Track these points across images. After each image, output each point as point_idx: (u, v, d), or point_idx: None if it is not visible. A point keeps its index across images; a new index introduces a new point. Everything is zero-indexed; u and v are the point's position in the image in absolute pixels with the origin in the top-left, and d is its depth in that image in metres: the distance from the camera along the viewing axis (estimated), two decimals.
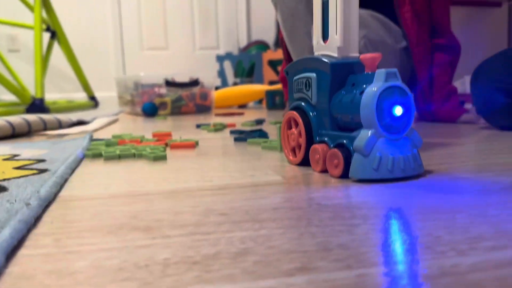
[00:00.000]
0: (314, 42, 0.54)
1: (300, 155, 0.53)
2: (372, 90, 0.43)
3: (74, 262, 0.26)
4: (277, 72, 2.31)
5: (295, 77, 0.55)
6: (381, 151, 0.43)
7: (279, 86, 1.98)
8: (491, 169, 0.50)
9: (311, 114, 0.52)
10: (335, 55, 0.49)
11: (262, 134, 0.88)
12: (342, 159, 0.45)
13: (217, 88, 2.34)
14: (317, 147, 0.49)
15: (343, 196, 0.41)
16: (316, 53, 0.53)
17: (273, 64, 2.34)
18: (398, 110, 0.43)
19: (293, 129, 0.54)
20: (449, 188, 0.42)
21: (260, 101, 2.38)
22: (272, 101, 1.91)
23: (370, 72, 0.46)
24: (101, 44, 3.16)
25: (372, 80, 0.45)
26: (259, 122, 1.26)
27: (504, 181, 0.44)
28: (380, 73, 0.43)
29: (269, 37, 2.81)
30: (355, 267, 0.24)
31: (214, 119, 1.50)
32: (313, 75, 0.51)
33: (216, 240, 0.29)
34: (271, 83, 2.40)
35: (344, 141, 0.46)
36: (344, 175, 0.45)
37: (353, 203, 0.38)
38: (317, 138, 0.51)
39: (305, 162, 0.53)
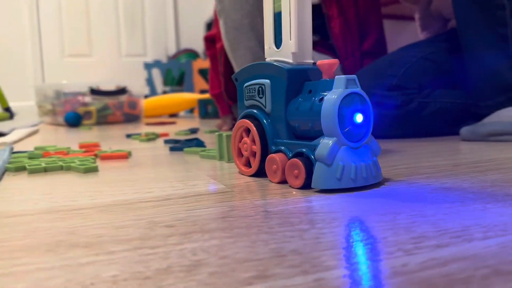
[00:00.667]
0: (266, 47, 0.51)
1: (254, 165, 0.50)
2: (333, 97, 0.41)
3: (11, 285, 0.24)
4: (208, 81, 2.28)
5: (246, 84, 0.52)
6: (344, 160, 0.41)
7: None
8: (424, 171, 0.50)
9: (265, 122, 0.49)
10: (290, 61, 0.47)
11: (199, 143, 0.86)
12: (303, 169, 0.43)
13: (146, 96, 2.26)
14: (274, 157, 0.46)
15: (288, 203, 0.40)
16: (268, 59, 0.51)
17: (203, 73, 2.31)
18: (359, 118, 0.42)
19: (246, 138, 0.51)
20: (402, 193, 0.42)
21: (191, 110, 2.33)
22: (205, 110, 1.87)
23: (328, 79, 0.44)
24: (17, 51, 2.92)
25: (331, 87, 0.43)
26: (193, 131, 1.23)
27: (434, 183, 0.45)
28: (340, 79, 0.42)
29: (199, 46, 2.76)
30: (311, 272, 0.24)
31: (144, 129, 1.45)
32: (267, 81, 0.49)
33: (166, 253, 0.27)
34: (202, 91, 2.37)
35: (304, 150, 0.43)
36: (305, 185, 0.43)
37: (299, 209, 0.38)
38: (273, 148, 0.48)
39: (259, 173, 0.50)
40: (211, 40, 1.27)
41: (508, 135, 0.75)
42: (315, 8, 1.06)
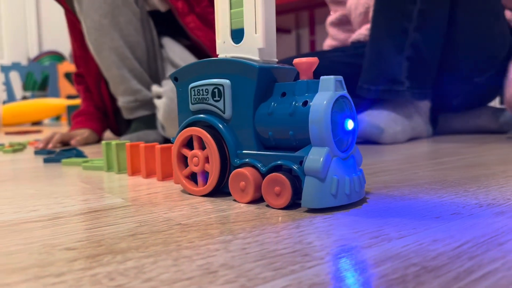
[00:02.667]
0: (219, 41, 0.42)
1: (211, 182, 0.41)
2: (323, 101, 0.34)
3: None
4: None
5: (192, 85, 0.42)
6: (337, 172, 0.34)
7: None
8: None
9: (223, 130, 0.40)
10: (255, 58, 0.39)
11: (79, 153, 0.76)
12: (288, 185, 0.35)
13: (4, 102, 1.93)
14: (243, 171, 0.38)
15: (200, 213, 0.36)
16: (222, 55, 0.42)
17: (70, 76, 2.06)
18: (350, 124, 0.36)
19: (197, 151, 0.42)
20: None
21: (58, 117, 2.06)
22: None
23: (307, 80, 0.37)
24: None
25: (312, 89, 0.36)
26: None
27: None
28: (327, 80, 0.35)
29: (65, 48, 2.46)
30: (249, 286, 0.22)
31: (5, 138, 1.24)
32: (226, 81, 0.40)
33: (77, 281, 0.23)
34: (70, 97, 2.12)
35: (285, 163, 0.36)
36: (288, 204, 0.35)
37: (214, 219, 0.34)
38: (236, 161, 0.39)
39: (214, 192, 0.41)
40: (81, 75, 1.15)
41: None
42: (169, 12, 1.01)
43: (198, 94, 0.42)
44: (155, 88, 0.95)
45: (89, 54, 1.04)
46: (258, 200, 0.39)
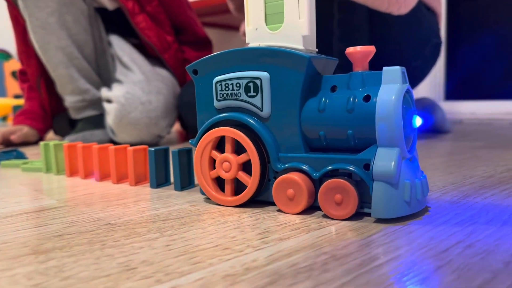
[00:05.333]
0: (249, 27, 0.36)
1: (249, 190, 0.34)
2: (391, 95, 0.29)
3: None
4: None
5: (218, 79, 0.36)
6: (408, 176, 0.30)
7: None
8: None
9: (261, 130, 0.34)
10: (299, 47, 0.33)
11: (19, 155, 0.73)
12: (353, 193, 0.30)
13: None
14: (293, 178, 0.32)
15: (132, 213, 0.35)
16: (254, 43, 0.36)
17: (17, 75, 1.91)
18: (418, 121, 0.31)
19: (228, 155, 0.35)
20: None
21: (4, 118, 1.90)
22: None
23: (362, 71, 0.32)
24: None
25: (371, 82, 0.31)
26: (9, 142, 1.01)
27: None
28: (393, 71, 0.30)
29: (12, 46, 2.25)
30: (165, 281, 0.22)
31: None
32: (264, 74, 0.34)
33: None
34: (18, 96, 1.97)
35: (351, 167, 0.30)
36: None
37: (146, 218, 0.34)
38: (279, 165, 0.33)
39: (249, 202, 0.35)
40: (25, 72, 1.10)
41: None
42: (118, 10, 0.99)
43: (227, 89, 0.36)
44: (104, 92, 0.91)
45: (31, 49, 0.99)
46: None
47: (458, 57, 1.84)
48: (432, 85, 1.66)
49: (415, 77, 1.03)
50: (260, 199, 0.36)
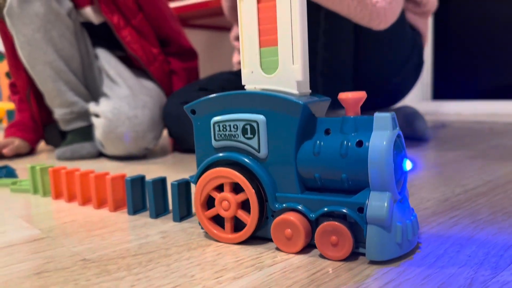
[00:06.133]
0: (245, 70, 0.37)
1: (248, 229, 0.36)
2: (383, 142, 0.31)
3: None
4: None
5: (215, 119, 0.37)
6: (399, 219, 0.31)
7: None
8: None
9: (258, 170, 0.35)
10: (293, 91, 0.35)
11: (10, 172, 0.74)
12: (349, 235, 0.31)
13: None
14: (290, 219, 0.33)
15: (107, 246, 0.38)
16: (249, 86, 0.37)
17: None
18: (408, 165, 0.33)
19: (225, 193, 0.36)
20: None
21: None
22: None
23: (354, 116, 0.33)
24: None
25: (363, 127, 0.33)
26: None
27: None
28: (384, 118, 0.32)
29: None
30: None
31: None
32: (260, 117, 0.35)
33: None
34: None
35: (344, 210, 0.32)
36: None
37: (117, 252, 0.36)
38: (276, 205, 0.35)
39: (247, 239, 0.36)
40: (16, 85, 1.11)
41: None
42: (104, 25, 1.01)
43: (224, 130, 0.37)
44: (92, 107, 0.93)
45: (20, 63, 1.00)
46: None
47: (446, 57, 1.88)
48: (419, 85, 1.69)
49: (394, 93, 1.06)
50: (258, 235, 0.37)
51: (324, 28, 0.84)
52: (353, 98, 0.33)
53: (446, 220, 0.41)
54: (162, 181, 0.47)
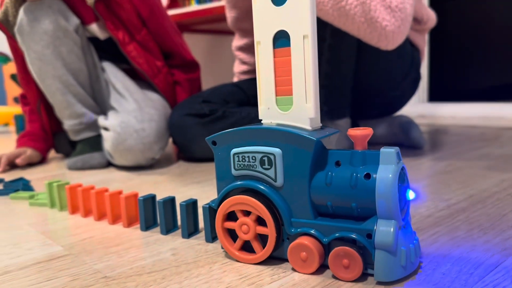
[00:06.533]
0: (263, 107, 0.41)
1: (266, 250, 0.39)
2: (388, 175, 0.34)
3: None
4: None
5: (235, 151, 0.40)
6: (404, 243, 0.35)
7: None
8: None
9: (275, 198, 0.39)
10: (306, 127, 0.38)
11: (26, 185, 0.78)
12: (359, 259, 0.35)
13: None
14: (305, 243, 0.37)
15: (125, 263, 0.42)
16: (266, 121, 0.40)
17: (16, 77, 1.92)
18: (411, 195, 0.37)
19: (244, 218, 0.40)
20: None
21: (5, 125, 1.93)
22: (24, 125, 1.56)
23: (362, 150, 0.37)
24: None
25: (371, 160, 0.36)
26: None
27: None
28: (390, 154, 0.35)
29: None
30: None
31: None
32: (277, 150, 0.38)
33: None
34: (17, 99, 1.99)
35: (354, 236, 0.35)
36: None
37: (134, 270, 0.40)
38: (292, 230, 0.38)
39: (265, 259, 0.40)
40: (26, 96, 1.15)
41: None
42: (109, 40, 1.06)
43: (243, 160, 0.40)
44: (101, 121, 0.98)
45: (30, 77, 1.04)
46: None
47: (442, 59, 1.92)
48: None
49: (392, 106, 1.10)
50: (275, 256, 0.40)
51: (329, 44, 0.87)
52: (361, 134, 0.37)
53: (427, 237, 0.45)
54: (171, 200, 0.52)
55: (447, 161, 0.87)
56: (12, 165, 1.04)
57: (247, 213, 0.40)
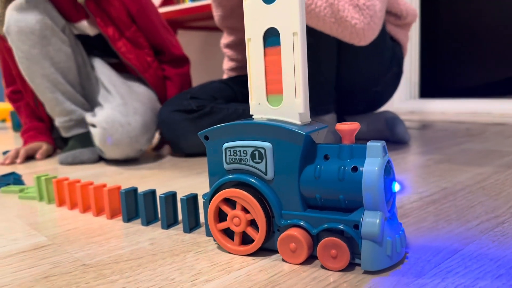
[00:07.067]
0: (253, 102, 0.41)
1: (256, 243, 0.40)
2: (375, 168, 0.35)
3: None
4: None
5: (227, 145, 0.41)
6: (389, 234, 0.36)
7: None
8: None
9: (266, 191, 0.40)
10: (295, 122, 0.39)
11: (16, 179, 0.79)
12: (346, 249, 0.36)
13: None
14: (294, 234, 0.38)
15: (104, 252, 0.44)
16: (257, 116, 0.41)
17: None
18: (396, 187, 0.38)
19: (236, 211, 0.41)
20: None
21: (3, 121, 1.91)
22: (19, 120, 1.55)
23: (349, 144, 0.38)
24: None
25: (358, 154, 0.37)
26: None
27: None
28: (375, 147, 0.36)
29: None
30: None
31: None
32: (267, 145, 0.39)
33: None
34: (5, 96, 1.98)
35: (341, 227, 0.36)
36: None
37: (112, 258, 0.42)
38: (282, 221, 0.39)
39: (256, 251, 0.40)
40: (18, 92, 1.17)
41: None
42: (99, 36, 1.07)
43: (235, 155, 0.41)
44: (89, 118, 0.98)
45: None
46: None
47: (433, 56, 1.94)
48: (407, 83, 1.73)
49: (375, 101, 1.11)
50: (265, 247, 0.41)
51: (309, 42, 0.88)
52: (349, 129, 0.38)
53: None
54: (152, 193, 0.53)
55: (429, 155, 0.88)
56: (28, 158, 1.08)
57: (233, 207, 0.41)
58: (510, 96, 1.65)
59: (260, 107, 0.41)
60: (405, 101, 1.72)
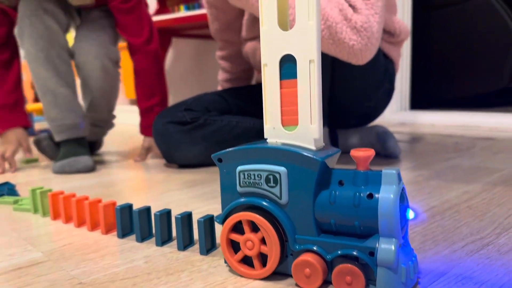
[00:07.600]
0: (268, 126, 0.41)
1: (270, 266, 0.40)
2: (390, 196, 0.36)
3: None
4: None
5: (241, 168, 0.41)
6: (404, 261, 0.36)
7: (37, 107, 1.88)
8: None
9: (280, 215, 0.39)
10: (310, 147, 0.39)
11: (11, 190, 0.78)
12: (362, 277, 0.36)
13: None
14: (309, 260, 0.38)
15: (99, 270, 0.44)
16: (271, 140, 0.41)
17: None
18: (411, 214, 0.38)
19: (250, 234, 0.40)
20: None
21: None
22: None
23: (364, 171, 0.38)
24: None
25: (373, 181, 0.37)
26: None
27: None
28: (391, 174, 0.37)
29: None
30: None
31: None
32: (282, 169, 0.39)
33: None
34: None
35: (356, 253, 0.36)
36: None
37: (108, 277, 0.42)
38: (296, 246, 0.39)
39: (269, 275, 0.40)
40: None
41: None
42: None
43: (249, 178, 0.41)
44: None
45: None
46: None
47: (424, 68, 1.97)
48: (398, 95, 1.75)
49: (366, 116, 1.12)
50: (278, 271, 0.41)
51: None
52: (363, 156, 0.38)
53: None
54: (147, 210, 0.53)
55: (418, 171, 0.89)
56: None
57: (254, 229, 0.41)
58: (499, 109, 1.69)
59: (274, 131, 0.41)
60: (396, 113, 1.74)
